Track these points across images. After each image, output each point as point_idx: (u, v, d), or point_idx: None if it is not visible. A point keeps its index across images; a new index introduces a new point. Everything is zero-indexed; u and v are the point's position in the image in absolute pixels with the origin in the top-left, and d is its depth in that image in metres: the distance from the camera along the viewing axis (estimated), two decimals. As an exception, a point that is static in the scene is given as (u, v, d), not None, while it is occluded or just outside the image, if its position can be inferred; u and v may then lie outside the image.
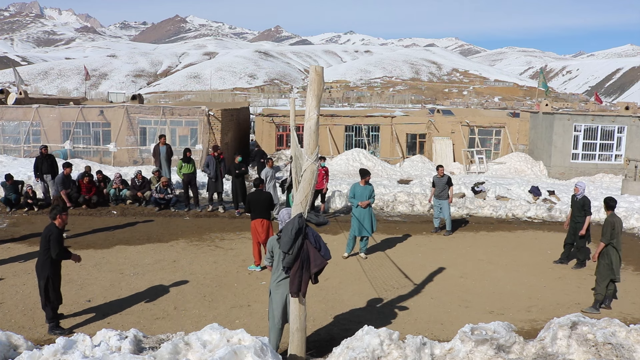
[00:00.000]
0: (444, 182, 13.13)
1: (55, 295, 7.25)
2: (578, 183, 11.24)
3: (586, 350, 5.87)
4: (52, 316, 7.24)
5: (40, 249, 7.22)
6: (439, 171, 13.24)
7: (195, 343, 5.37)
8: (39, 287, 7.19)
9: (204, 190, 16.26)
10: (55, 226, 7.26)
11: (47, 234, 7.16)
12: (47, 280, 7.13)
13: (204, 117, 21.41)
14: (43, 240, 7.18)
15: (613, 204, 8.91)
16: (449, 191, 13.16)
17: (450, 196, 13.21)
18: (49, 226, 7.25)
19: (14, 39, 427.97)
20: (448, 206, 13.21)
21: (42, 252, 7.17)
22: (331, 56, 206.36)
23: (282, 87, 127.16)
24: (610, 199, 8.99)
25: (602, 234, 8.66)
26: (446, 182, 13.12)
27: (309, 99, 5.61)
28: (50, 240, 7.10)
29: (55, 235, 7.14)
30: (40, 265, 7.19)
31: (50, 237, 7.11)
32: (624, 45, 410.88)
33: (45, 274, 7.15)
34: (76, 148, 21.74)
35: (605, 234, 8.59)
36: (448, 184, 13.14)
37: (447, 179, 13.15)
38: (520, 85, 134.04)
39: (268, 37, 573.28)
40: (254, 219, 9.92)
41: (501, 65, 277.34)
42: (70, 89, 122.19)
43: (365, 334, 5.86)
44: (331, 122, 25.23)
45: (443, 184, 13.14)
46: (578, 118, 23.33)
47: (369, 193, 11.07)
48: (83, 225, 13.15)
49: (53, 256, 7.12)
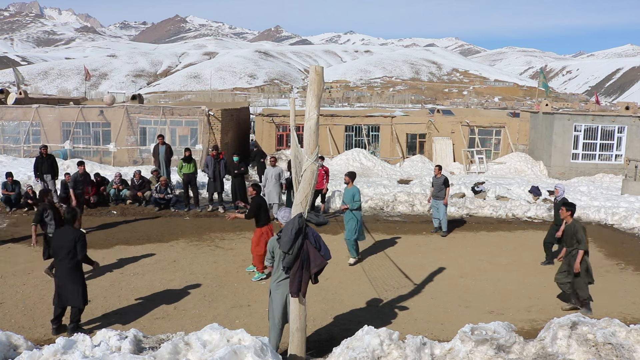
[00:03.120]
0: (440, 182, 12.99)
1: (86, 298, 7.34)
2: (558, 185, 11.02)
3: (586, 350, 5.87)
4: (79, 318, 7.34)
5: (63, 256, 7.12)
6: (436, 171, 13.12)
7: (195, 343, 5.37)
8: (74, 292, 7.13)
9: (204, 190, 16.25)
10: (79, 231, 7.37)
11: (73, 239, 7.12)
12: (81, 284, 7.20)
13: (204, 117, 21.41)
14: (67, 247, 7.10)
15: (574, 209, 8.73)
16: (445, 192, 13.00)
17: (445, 197, 12.93)
18: (74, 232, 7.22)
19: (14, 39, 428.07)
20: (444, 207, 13.02)
21: (70, 258, 7.11)
22: (331, 56, 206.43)
23: (282, 87, 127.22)
24: (570, 204, 8.75)
25: (579, 241, 8.29)
26: (442, 183, 12.97)
27: (309, 99, 5.61)
28: (78, 244, 7.14)
29: (82, 240, 7.20)
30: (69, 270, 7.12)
31: (77, 242, 7.13)
32: (624, 45, 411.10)
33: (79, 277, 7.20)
34: (76, 148, 21.74)
35: (582, 240, 8.29)
36: (445, 184, 12.98)
37: (444, 180, 12.99)
38: (520, 85, 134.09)
39: (268, 37, 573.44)
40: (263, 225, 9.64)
41: (501, 65, 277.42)
42: (70, 89, 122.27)
43: (365, 334, 5.85)
44: (331, 122, 25.23)
45: (440, 184, 13.00)
46: (578, 118, 23.34)
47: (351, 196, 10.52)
48: (83, 225, 13.12)
49: (80, 259, 7.20)
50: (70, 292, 7.14)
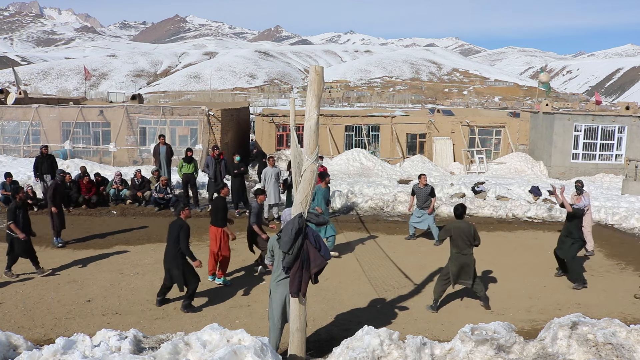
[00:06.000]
0: (426, 193, 12.16)
1: (195, 277, 8.08)
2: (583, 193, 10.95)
3: (586, 351, 5.87)
4: (191, 295, 8.10)
5: (169, 243, 8.00)
6: (421, 180, 12.24)
7: (195, 343, 5.36)
8: (173, 276, 7.99)
9: (204, 190, 16.24)
10: (184, 221, 8.09)
11: (177, 228, 7.93)
12: (183, 268, 7.95)
13: (204, 117, 21.40)
14: (173, 234, 7.95)
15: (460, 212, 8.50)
16: (430, 202, 12.21)
17: (431, 207, 12.16)
18: (178, 221, 8.06)
19: (14, 39, 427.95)
20: (431, 218, 12.20)
21: (173, 245, 7.95)
22: (331, 56, 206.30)
23: (282, 87, 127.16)
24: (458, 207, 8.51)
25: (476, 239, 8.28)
26: (429, 193, 12.16)
27: (309, 98, 5.61)
28: (181, 234, 7.89)
29: (185, 230, 7.94)
30: (172, 257, 7.98)
31: (180, 231, 7.90)
32: (624, 45, 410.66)
33: (179, 263, 7.94)
34: (76, 148, 21.74)
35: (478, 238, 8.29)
36: (431, 195, 12.17)
37: (430, 190, 12.20)
38: (521, 85, 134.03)
39: (268, 37, 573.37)
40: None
41: (501, 65, 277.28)
42: (70, 89, 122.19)
43: (365, 334, 5.85)
44: (331, 122, 25.22)
45: (425, 194, 12.16)
46: (578, 118, 23.33)
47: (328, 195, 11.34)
48: (83, 225, 13.14)
49: (182, 249, 7.91)
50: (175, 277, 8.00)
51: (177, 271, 7.96)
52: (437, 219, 14.93)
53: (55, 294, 8.58)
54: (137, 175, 15.51)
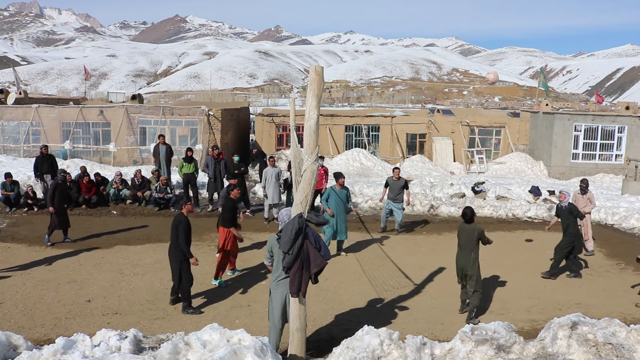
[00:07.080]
0: (400, 186, 12.86)
1: (188, 277, 8.02)
2: (563, 190, 11.01)
3: (586, 351, 5.87)
4: (188, 296, 8.05)
5: (172, 237, 8.04)
6: (395, 173, 12.94)
7: (195, 343, 5.36)
8: (172, 270, 8.07)
9: (204, 190, 16.24)
10: (184, 215, 8.06)
11: (176, 223, 7.95)
12: (180, 264, 7.94)
13: (204, 117, 21.40)
14: (173, 229, 7.98)
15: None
16: (404, 195, 12.93)
17: (407, 199, 12.99)
18: (179, 216, 8.08)
19: (14, 39, 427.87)
20: (401, 212, 12.99)
21: (174, 240, 7.98)
22: (331, 56, 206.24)
23: (282, 87, 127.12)
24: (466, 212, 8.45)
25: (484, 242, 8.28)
26: (402, 186, 12.88)
27: (309, 98, 5.61)
28: (179, 229, 7.90)
29: (183, 225, 7.92)
30: (173, 251, 8.04)
31: (179, 226, 7.90)
32: (624, 45, 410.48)
33: (179, 258, 7.95)
34: (76, 148, 21.73)
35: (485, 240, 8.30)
36: (405, 187, 12.91)
37: (404, 183, 12.94)
38: (521, 85, 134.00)
39: (268, 37, 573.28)
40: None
41: (501, 65, 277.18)
42: (70, 89, 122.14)
43: (365, 334, 5.85)
44: (331, 122, 25.22)
45: (399, 187, 12.86)
46: (578, 118, 23.32)
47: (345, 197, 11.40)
48: (83, 225, 13.14)
49: (181, 244, 7.90)
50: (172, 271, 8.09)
51: (174, 265, 8.06)
52: (437, 219, 14.99)
53: (55, 294, 8.58)
54: (137, 175, 15.51)
